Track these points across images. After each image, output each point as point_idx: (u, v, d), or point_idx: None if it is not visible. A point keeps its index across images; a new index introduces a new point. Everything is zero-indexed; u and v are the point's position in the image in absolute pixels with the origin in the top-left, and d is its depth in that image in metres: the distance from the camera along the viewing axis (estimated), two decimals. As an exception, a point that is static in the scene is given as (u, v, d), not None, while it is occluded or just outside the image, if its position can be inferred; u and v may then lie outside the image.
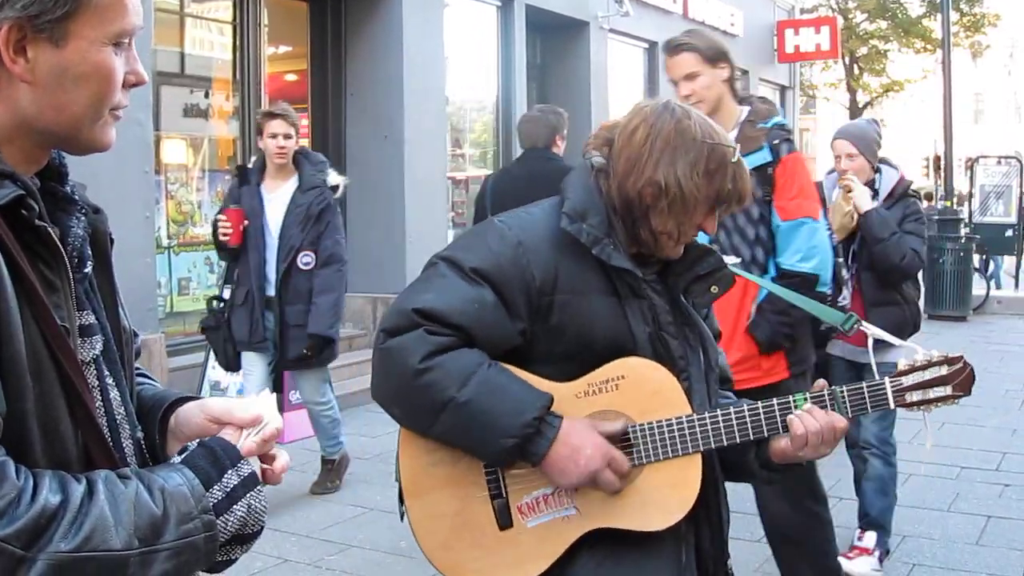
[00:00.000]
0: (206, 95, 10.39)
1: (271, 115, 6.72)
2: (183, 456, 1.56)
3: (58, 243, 1.47)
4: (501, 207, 6.30)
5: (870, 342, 2.75)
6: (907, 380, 2.53)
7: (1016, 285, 18.54)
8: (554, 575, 2.42)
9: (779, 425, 2.48)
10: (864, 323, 2.75)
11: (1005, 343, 13.65)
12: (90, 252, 1.60)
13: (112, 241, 1.69)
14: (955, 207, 17.85)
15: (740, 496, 6.99)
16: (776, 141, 4.44)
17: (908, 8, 33.37)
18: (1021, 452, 8.02)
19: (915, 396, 2.53)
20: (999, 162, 22.13)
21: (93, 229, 1.63)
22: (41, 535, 1.31)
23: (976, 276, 17.16)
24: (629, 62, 16.81)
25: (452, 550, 2.45)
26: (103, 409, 1.55)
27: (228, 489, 1.52)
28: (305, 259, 6.67)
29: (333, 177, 6.87)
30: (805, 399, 2.50)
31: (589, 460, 2.33)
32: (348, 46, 11.69)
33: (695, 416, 2.43)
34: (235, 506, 1.52)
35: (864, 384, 2.54)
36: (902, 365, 2.55)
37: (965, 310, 16.48)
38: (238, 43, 10.51)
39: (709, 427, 2.43)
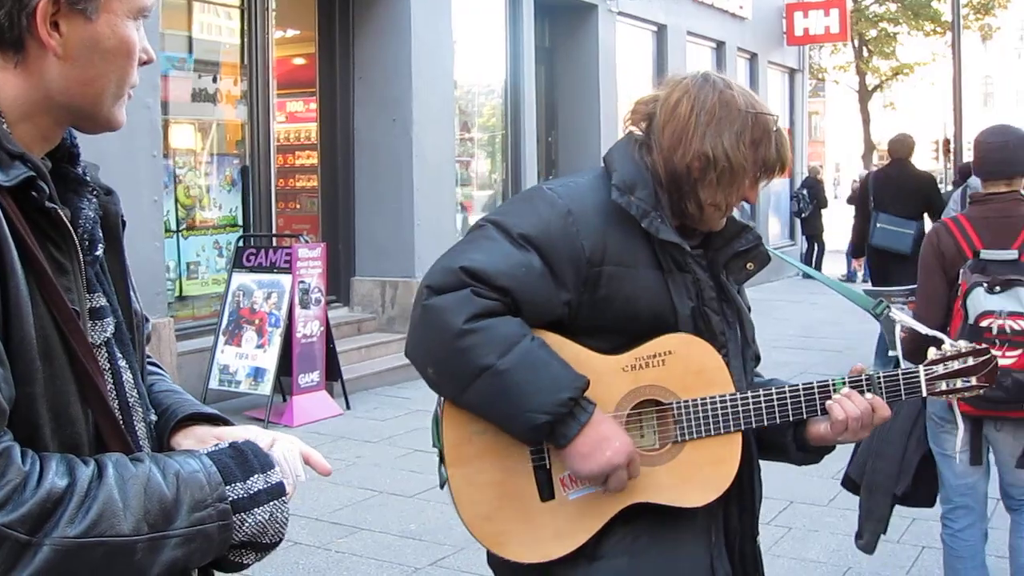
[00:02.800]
0: (214, 80, 10.37)
1: None
2: (208, 450, 1.54)
3: (68, 225, 1.46)
4: (879, 197, 10.24)
5: (897, 329, 2.77)
6: (939, 369, 2.57)
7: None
8: (589, 547, 2.40)
9: (817, 408, 2.49)
10: (893, 309, 2.74)
11: (1015, 326, 13.58)
12: (101, 234, 1.58)
13: (124, 223, 1.67)
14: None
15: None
16: None
17: (918, -10, 33.24)
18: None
19: (944, 385, 2.57)
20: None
21: (104, 211, 1.61)
22: (47, 520, 1.28)
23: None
24: (638, 45, 16.73)
25: (493, 521, 2.40)
26: (115, 392, 1.53)
27: (252, 492, 1.49)
28: None
29: None
30: (844, 383, 2.52)
31: (616, 453, 2.29)
32: (356, 30, 11.67)
33: (738, 395, 2.45)
34: (257, 509, 1.49)
35: (899, 371, 2.56)
36: (933, 354, 2.59)
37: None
38: (246, 27, 10.48)
39: (751, 407, 2.45)
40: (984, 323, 4.02)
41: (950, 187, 19.93)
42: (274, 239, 10.12)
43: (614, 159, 2.49)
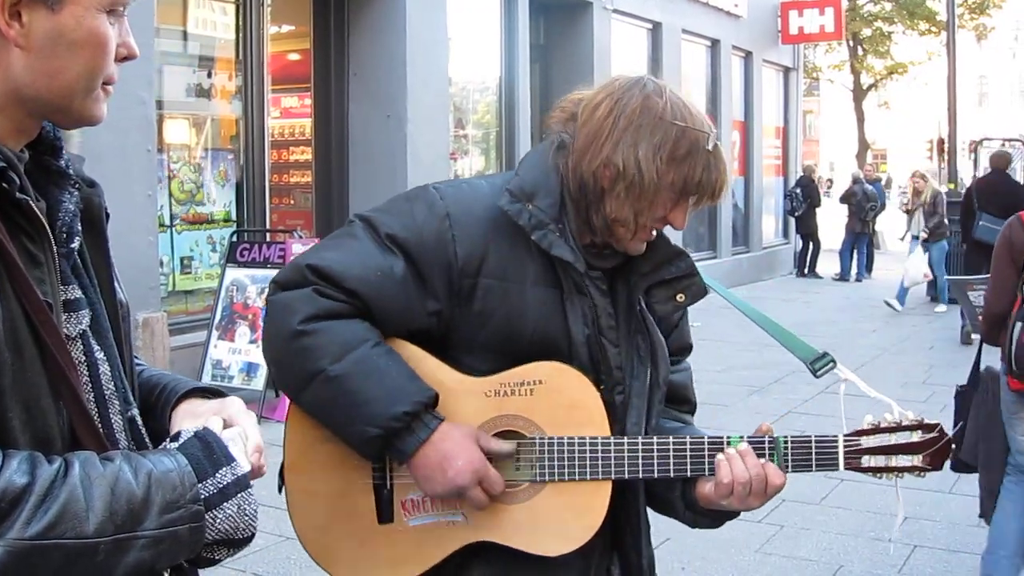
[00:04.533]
0: (209, 75, 10.36)
1: None
2: (179, 444, 1.51)
3: (40, 217, 1.44)
4: (982, 200, 13.27)
5: (841, 389, 2.39)
6: (866, 441, 2.23)
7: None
8: None
9: (705, 466, 2.20)
10: (840, 366, 2.41)
11: (1007, 326, 13.62)
12: (79, 227, 1.56)
13: (107, 215, 1.65)
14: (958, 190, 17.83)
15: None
16: None
17: (913, -10, 33.28)
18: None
19: (873, 461, 2.23)
20: (1003, 145, 22.08)
21: (87, 203, 1.59)
22: (2, 520, 1.25)
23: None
24: (632, 43, 16.72)
25: (326, 534, 2.23)
26: (90, 385, 1.51)
27: (221, 485, 1.46)
28: None
29: None
30: (741, 439, 2.22)
31: (457, 473, 2.09)
32: (351, 25, 11.65)
33: (611, 440, 2.17)
34: (226, 503, 1.46)
35: (812, 437, 2.23)
36: (865, 423, 2.26)
37: (969, 292, 16.45)
38: (241, 23, 10.47)
39: (626, 455, 2.17)
40: None
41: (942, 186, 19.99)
42: (268, 234, 10.11)
43: (523, 163, 2.28)
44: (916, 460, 2.24)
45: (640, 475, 2.19)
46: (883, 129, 53.35)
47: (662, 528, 2.51)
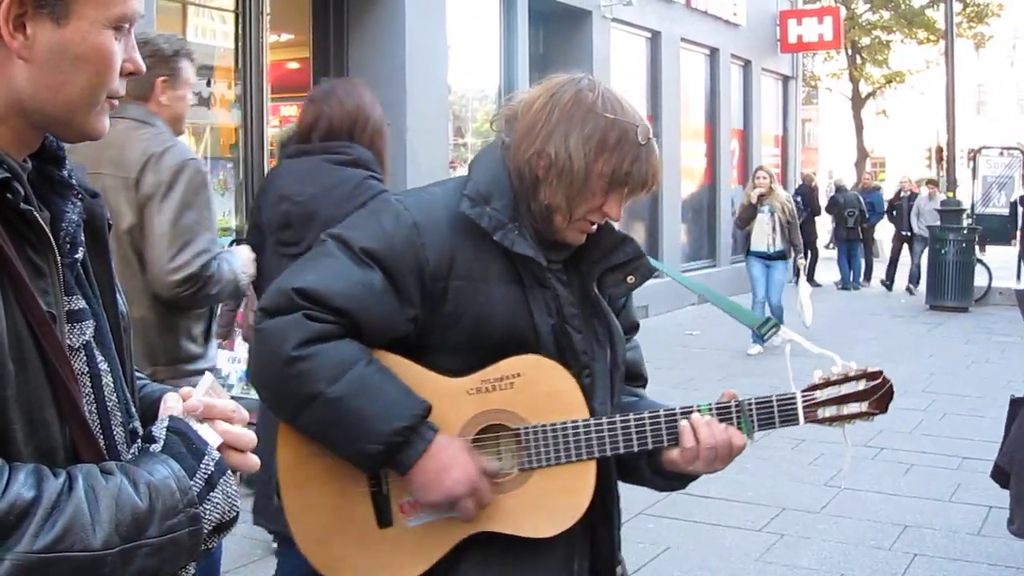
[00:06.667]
0: (208, 83, 10.35)
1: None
2: (162, 445, 1.50)
3: (44, 227, 1.44)
4: None
5: (787, 349, 2.57)
6: (820, 395, 2.40)
7: (1018, 277, 18.55)
8: (439, 573, 2.29)
9: (678, 435, 2.34)
10: (783, 328, 2.61)
11: (1006, 334, 13.64)
12: (83, 238, 1.55)
13: (110, 226, 1.65)
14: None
15: (740, 485, 7.01)
16: None
17: (911, -2, 33.36)
18: (1022, 443, 8.02)
19: (828, 412, 2.40)
20: (1001, 153, 22.17)
21: (90, 214, 1.59)
22: (10, 533, 1.25)
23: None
24: (632, 52, 16.72)
25: (329, 546, 2.29)
26: (93, 396, 1.50)
27: (207, 475, 1.47)
28: None
29: None
30: (709, 409, 2.35)
31: (455, 484, 2.18)
32: (350, 34, 11.66)
33: (591, 421, 2.29)
34: (212, 493, 1.47)
35: (773, 396, 2.39)
36: (816, 378, 2.42)
37: (967, 301, 16.50)
38: (240, 31, 10.47)
39: (606, 433, 2.29)
40: None
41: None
42: (267, 243, 10.10)
43: (475, 167, 2.38)
44: (864, 406, 2.40)
45: (621, 450, 2.31)
46: (882, 137, 53.40)
47: (663, 535, 2.55)
